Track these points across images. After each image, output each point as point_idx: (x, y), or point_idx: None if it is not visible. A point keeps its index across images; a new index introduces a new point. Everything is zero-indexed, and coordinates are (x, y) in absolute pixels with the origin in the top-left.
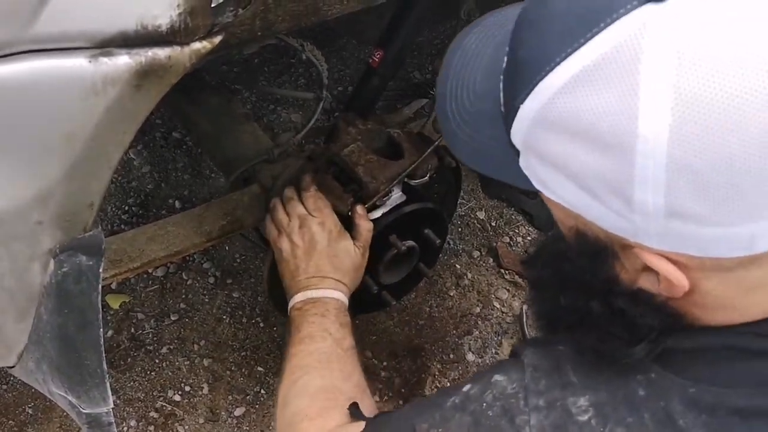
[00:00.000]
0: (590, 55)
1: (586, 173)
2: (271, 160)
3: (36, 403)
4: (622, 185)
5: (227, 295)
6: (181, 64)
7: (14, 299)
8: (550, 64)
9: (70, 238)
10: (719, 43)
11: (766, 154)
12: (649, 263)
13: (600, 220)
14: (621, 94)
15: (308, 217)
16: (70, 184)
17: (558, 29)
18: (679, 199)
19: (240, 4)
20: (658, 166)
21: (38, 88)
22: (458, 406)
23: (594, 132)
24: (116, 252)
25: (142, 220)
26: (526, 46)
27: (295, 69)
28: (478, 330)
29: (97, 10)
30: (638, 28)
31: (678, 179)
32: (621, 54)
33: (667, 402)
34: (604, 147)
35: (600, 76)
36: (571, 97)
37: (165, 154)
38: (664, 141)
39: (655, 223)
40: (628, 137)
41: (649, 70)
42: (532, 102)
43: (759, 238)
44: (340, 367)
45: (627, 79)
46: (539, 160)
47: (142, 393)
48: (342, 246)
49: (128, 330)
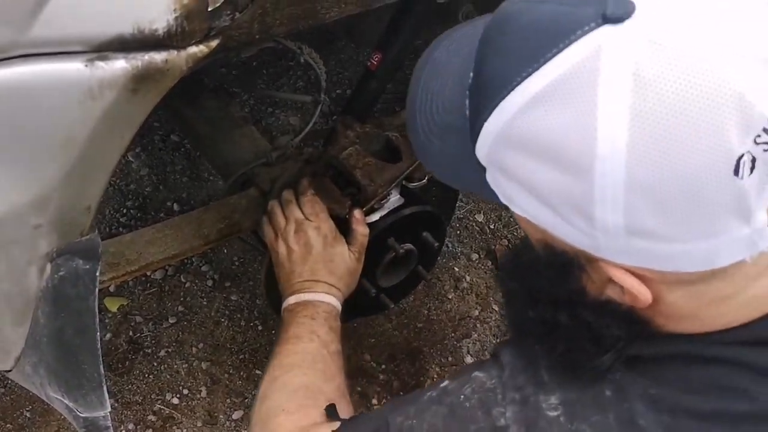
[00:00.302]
0: (550, 76)
1: (549, 191)
2: (269, 164)
3: (34, 406)
4: (582, 203)
5: (225, 298)
6: (177, 68)
7: (11, 303)
8: (512, 82)
9: (67, 242)
10: (674, 65)
11: (720, 174)
12: (613, 277)
13: (564, 236)
14: (579, 115)
15: (305, 221)
16: (68, 188)
17: (519, 48)
18: (638, 217)
19: (237, 8)
20: (617, 185)
21: (35, 92)
22: (435, 399)
23: (554, 151)
24: (114, 255)
25: (140, 223)
26: (490, 63)
27: (294, 72)
28: (476, 333)
29: (93, 14)
30: (595, 50)
31: (636, 198)
32: (579, 75)
33: (630, 403)
34: (564, 166)
35: (559, 96)
36: (531, 117)
37: (163, 157)
38: (622, 161)
39: (615, 240)
40: (586, 157)
41: (606, 91)
42: (496, 120)
43: (718, 254)
44: (323, 368)
45: (585, 100)
46: (504, 176)
47: (140, 396)
48: (337, 251)
49: (126, 333)
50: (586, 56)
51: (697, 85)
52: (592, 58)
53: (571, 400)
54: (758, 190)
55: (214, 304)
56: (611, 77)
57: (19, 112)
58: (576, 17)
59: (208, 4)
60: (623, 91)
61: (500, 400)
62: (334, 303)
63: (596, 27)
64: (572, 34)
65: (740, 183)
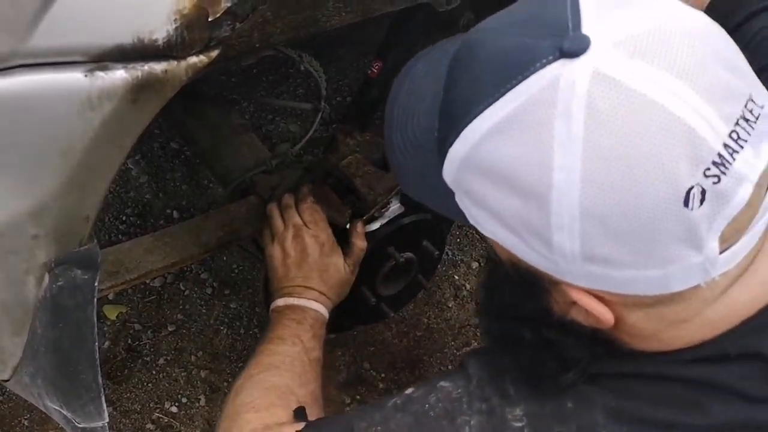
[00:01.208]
0: (509, 106)
1: (510, 216)
2: (269, 171)
3: (32, 415)
4: (541, 230)
5: (225, 306)
6: (177, 78)
7: (9, 313)
8: (475, 110)
9: (65, 252)
10: (627, 99)
11: (670, 205)
12: (575, 299)
13: (527, 258)
14: (537, 145)
15: (303, 227)
16: (66, 198)
17: (483, 77)
18: (594, 244)
19: (237, 18)
20: (572, 214)
21: (34, 102)
22: (399, 407)
23: (513, 179)
24: (113, 263)
25: (140, 231)
26: (456, 89)
27: (294, 79)
28: (476, 341)
29: (93, 24)
30: (552, 82)
31: (591, 227)
32: (536, 106)
33: (592, 415)
34: (523, 194)
35: (518, 126)
36: (493, 145)
37: (163, 164)
38: (576, 191)
39: (574, 265)
40: (543, 187)
41: (561, 124)
42: (460, 145)
43: (672, 280)
44: (300, 372)
45: (542, 131)
46: (469, 200)
47: (139, 405)
48: (332, 261)
49: (125, 341)
50: (543, 88)
51: (648, 120)
52: (549, 91)
53: (535, 413)
54: (709, 220)
55: (213, 312)
56: (566, 110)
57: (18, 122)
58: (535, 50)
59: (208, 14)
60: (577, 123)
61: (466, 410)
62: (322, 311)
63: (553, 60)
64: (531, 66)
65: (691, 214)
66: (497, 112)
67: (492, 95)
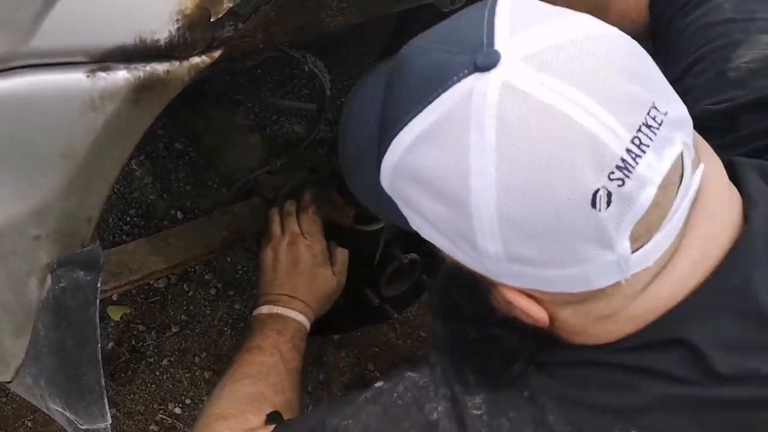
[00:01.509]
0: (429, 118)
1: (439, 221)
2: (273, 172)
3: (35, 416)
4: (466, 233)
5: (229, 307)
6: (179, 78)
7: (12, 314)
8: (403, 121)
9: (67, 253)
10: (533, 109)
11: (579, 208)
12: (509, 299)
13: (463, 261)
14: (455, 155)
15: (299, 236)
16: (68, 199)
17: (409, 90)
18: (514, 246)
19: (240, 18)
20: (491, 218)
21: (36, 103)
22: (370, 400)
23: (436, 186)
24: (117, 264)
25: (144, 231)
26: (388, 102)
27: (298, 80)
28: None
29: (95, 24)
30: (466, 95)
31: (509, 230)
32: (453, 118)
33: (542, 401)
34: (446, 200)
35: (437, 136)
36: (417, 154)
37: (167, 165)
38: (493, 197)
39: (500, 266)
40: (463, 194)
41: (475, 134)
42: (391, 155)
43: (591, 277)
44: (275, 381)
45: (459, 141)
46: (406, 207)
47: (143, 406)
48: (321, 272)
49: (129, 342)
50: (458, 101)
51: (554, 128)
52: (464, 103)
53: (493, 399)
54: (617, 221)
55: (217, 312)
56: (479, 121)
57: (19, 123)
58: (452, 65)
59: (210, 14)
60: (489, 133)
61: (433, 396)
62: (304, 323)
63: (468, 74)
64: (449, 80)
65: (599, 215)
66: (420, 124)
67: (416, 108)
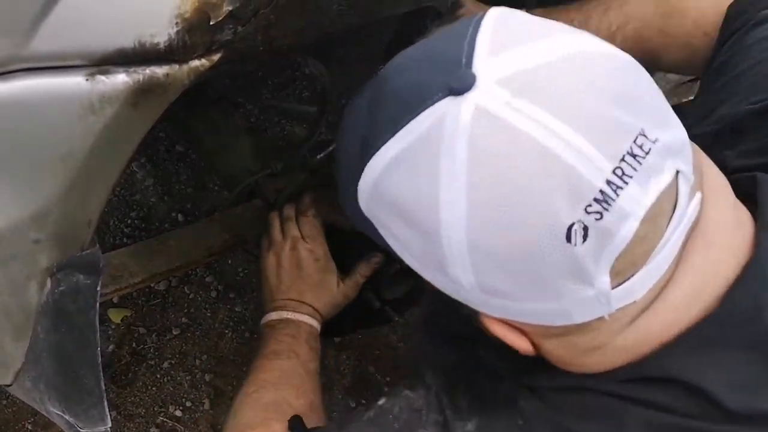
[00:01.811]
0: (402, 142)
1: (414, 247)
2: (274, 174)
3: (36, 419)
4: (439, 262)
5: (230, 310)
6: (179, 81)
7: (11, 317)
8: (377, 144)
9: (67, 257)
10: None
11: (553, 242)
12: (490, 329)
13: (442, 288)
14: (425, 181)
15: (300, 240)
16: (68, 202)
17: (385, 113)
18: (488, 278)
19: (240, 21)
20: (461, 249)
21: (35, 106)
22: (371, 420)
23: (407, 213)
24: (118, 267)
25: (145, 234)
26: (366, 122)
27: (299, 82)
28: None
29: (94, 27)
30: (439, 119)
31: (480, 261)
32: (425, 142)
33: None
34: (417, 228)
35: (409, 161)
36: (389, 180)
37: (168, 167)
38: (463, 227)
39: (476, 297)
40: (433, 222)
41: (446, 161)
42: (366, 178)
43: (571, 312)
44: (297, 384)
45: (429, 167)
46: (383, 230)
47: (143, 408)
48: (326, 278)
49: (130, 344)
50: (431, 125)
51: (527, 157)
52: (436, 128)
53: (486, 426)
54: (595, 256)
55: (218, 315)
56: (450, 147)
57: (18, 127)
58: (428, 87)
59: (210, 17)
60: (461, 160)
61: (424, 422)
62: (315, 325)
63: (443, 97)
64: (423, 104)
65: (574, 250)
66: (393, 147)
67: (391, 130)
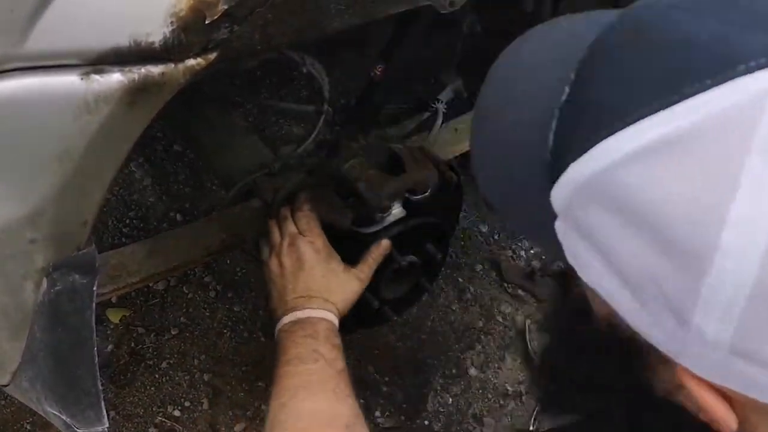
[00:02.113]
0: (679, 120)
1: (636, 271)
2: (272, 174)
3: (34, 419)
4: (680, 302)
5: (228, 309)
6: (175, 81)
7: (7, 317)
8: (622, 120)
9: (63, 257)
10: None
11: None
12: (693, 393)
13: (641, 329)
14: (710, 183)
15: (298, 236)
16: (63, 202)
17: (645, 75)
18: (754, 337)
19: (235, 20)
20: (738, 291)
21: (30, 106)
22: None
23: (658, 225)
24: (116, 267)
25: (143, 233)
26: (595, 86)
27: (298, 82)
28: (480, 344)
29: (89, 26)
30: (756, 98)
31: (760, 313)
32: (723, 129)
33: None
34: (667, 248)
35: (686, 152)
36: (637, 172)
37: (166, 167)
38: (755, 263)
39: (711, 355)
40: (704, 246)
41: (756, 161)
42: (586, 163)
43: None
44: (334, 388)
45: (724, 165)
46: (578, 234)
47: (142, 408)
48: (331, 267)
49: (128, 344)
50: (740, 105)
51: None
52: (749, 110)
53: None
54: None
55: (216, 315)
56: (767, 141)
57: (13, 126)
58: (738, 46)
59: (205, 16)
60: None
61: None
62: (331, 319)
63: (765, 66)
64: (728, 69)
65: None
66: (656, 127)
67: (650, 103)
